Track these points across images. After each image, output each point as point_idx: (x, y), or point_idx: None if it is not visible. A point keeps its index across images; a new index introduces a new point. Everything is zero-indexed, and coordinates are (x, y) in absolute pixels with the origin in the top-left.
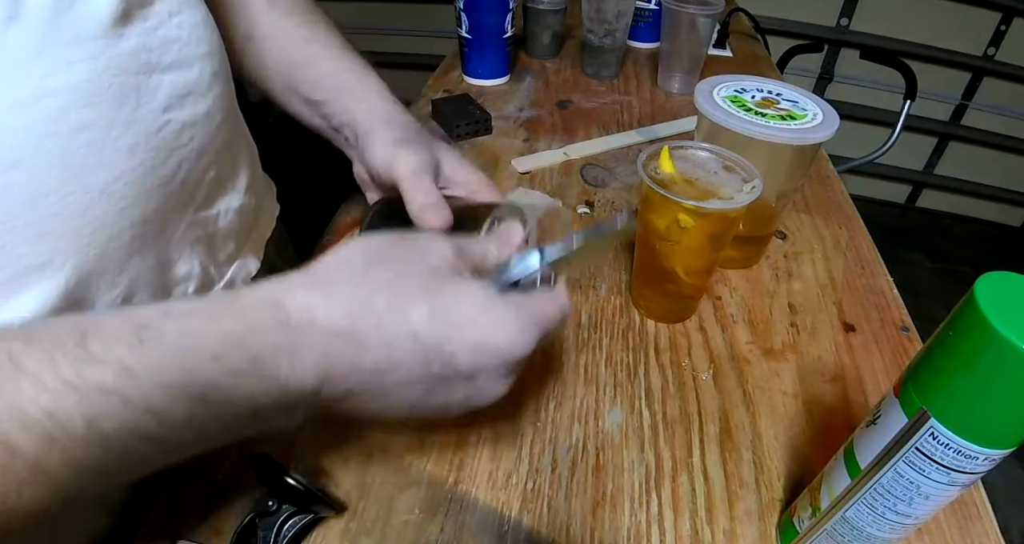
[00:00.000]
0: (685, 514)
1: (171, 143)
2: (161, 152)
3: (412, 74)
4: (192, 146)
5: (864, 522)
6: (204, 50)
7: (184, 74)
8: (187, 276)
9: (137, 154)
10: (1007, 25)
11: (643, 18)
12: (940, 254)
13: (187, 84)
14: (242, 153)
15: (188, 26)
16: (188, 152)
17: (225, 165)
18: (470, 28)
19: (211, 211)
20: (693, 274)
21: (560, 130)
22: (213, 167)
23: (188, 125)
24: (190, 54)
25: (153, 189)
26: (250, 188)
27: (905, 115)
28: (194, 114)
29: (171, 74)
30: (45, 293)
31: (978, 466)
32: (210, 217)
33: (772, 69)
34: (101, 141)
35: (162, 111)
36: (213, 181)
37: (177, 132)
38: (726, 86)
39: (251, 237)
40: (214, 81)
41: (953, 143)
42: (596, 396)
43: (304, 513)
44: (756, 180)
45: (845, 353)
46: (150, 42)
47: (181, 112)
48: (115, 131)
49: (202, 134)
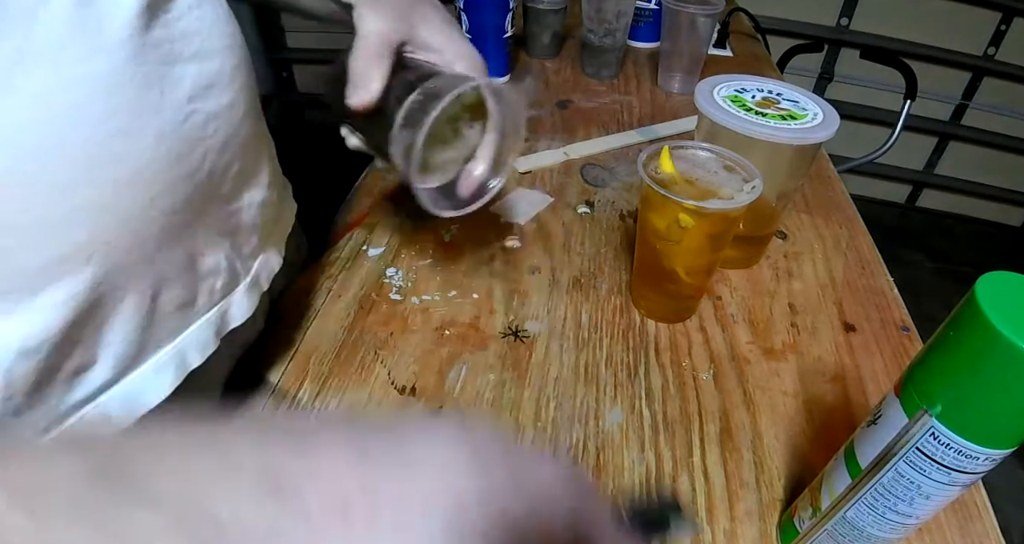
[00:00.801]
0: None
1: (197, 133)
2: (187, 142)
3: None
4: (217, 137)
5: (865, 522)
6: (225, 43)
7: (207, 65)
8: (214, 270)
9: (163, 144)
10: (1007, 25)
11: (643, 18)
12: (940, 254)
13: (210, 75)
14: (264, 148)
15: (208, 20)
16: (213, 143)
17: (248, 158)
18: (470, 28)
19: (236, 204)
20: (693, 274)
21: (560, 130)
22: (237, 160)
23: (212, 116)
24: (211, 47)
25: (180, 180)
26: (272, 183)
27: (905, 115)
28: (218, 105)
29: (194, 65)
30: (73, 285)
31: (979, 466)
32: (235, 210)
33: (772, 69)
34: (127, 131)
35: (187, 101)
36: (238, 174)
37: (203, 123)
38: (726, 86)
39: (273, 233)
40: (236, 74)
41: (953, 143)
42: (596, 396)
43: None
44: (756, 180)
45: (845, 353)
46: (172, 33)
47: (206, 102)
48: (140, 121)
49: (226, 125)
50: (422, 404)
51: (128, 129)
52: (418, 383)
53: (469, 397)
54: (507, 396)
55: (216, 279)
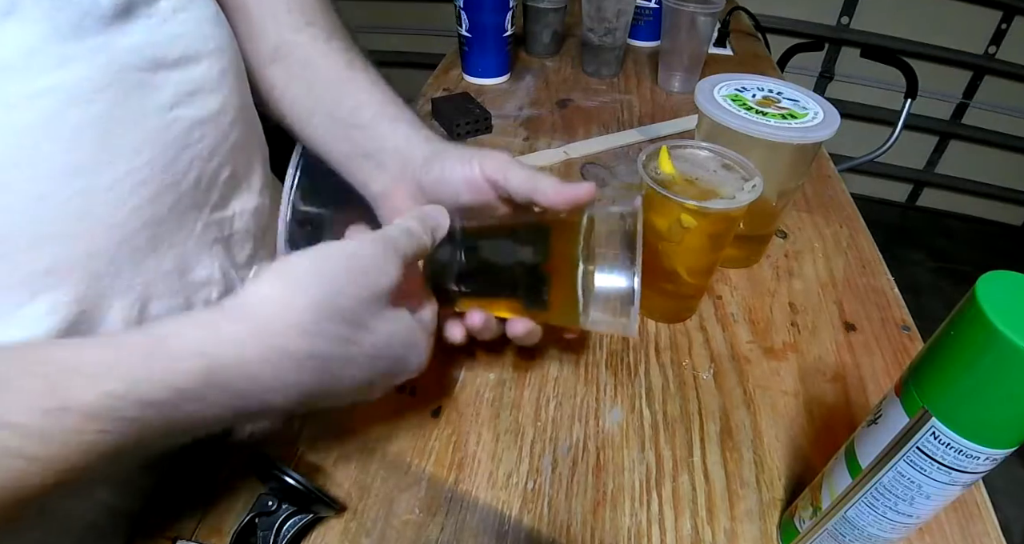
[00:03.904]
0: (686, 514)
1: (181, 141)
2: (171, 150)
3: (412, 73)
4: (204, 144)
5: (865, 522)
6: (212, 46)
7: (191, 71)
8: (207, 280)
9: (144, 152)
10: (1008, 23)
11: (643, 17)
12: (941, 253)
13: (195, 81)
14: (256, 153)
15: (194, 22)
16: (200, 150)
17: (239, 164)
18: (470, 27)
19: (227, 212)
20: (694, 274)
21: (560, 129)
22: (227, 166)
23: (198, 123)
24: (197, 50)
25: (165, 188)
26: (264, 189)
27: (906, 114)
28: (204, 111)
29: (178, 71)
30: (56, 298)
31: (979, 465)
32: (226, 218)
33: (773, 68)
34: (104, 139)
35: (169, 108)
36: (228, 181)
37: (187, 130)
38: (726, 85)
39: (267, 239)
40: (224, 78)
41: (954, 142)
42: (596, 395)
43: (304, 513)
44: (756, 179)
45: (846, 352)
46: (154, 38)
47: (189, 109)
48: (119, 129)
49: (214, 132)
50: (422, 404)
51: (106, 138)
52: (418, 382)
53: (469, 396)
54: (507, 396)
55: (211, 289)
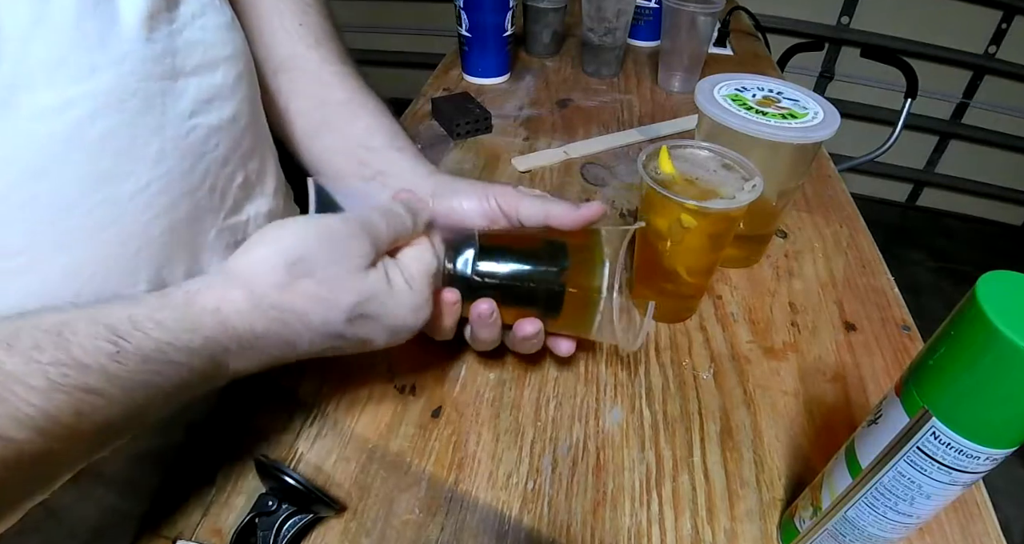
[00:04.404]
0: (686, 513)
1: (198, 149)
2: (188, 159)
3: (412, 73)
4: (219, 151)
5: (865, 522)
6: (228, 52)
7: (209, 78)
8: None
9: (164, 162)
10: (1008, 23)
11: (643, 16)
12: (941, 253)
13: (211, 88)
14: (268, 157)
15: (212, 28)
16: (215, 157)
17: (252, 169)
18: (470, 26)
19: (241, 216)
20: (694, 274)
21: (560, 129)
22: (241, 172)
23: (214, 130)
24: (214, 57)
25: (181, 197)
26: (277, 192)
27: (906, 114)
28: (220, 118)
29: (196, 78)
30: None
31: (980, 465)
32: (240, 223)
33: (773, 68)
34: (128, 149)
35: (188, 116)
36: (241, 186)
37: (204, 137)
38: (727, 85)
39: None
40: (238, 84)
41: (954, 142)
42: (596, 395)
43: (304, 513)
44: (756, 178)
45: (846, 352)
46: (174, 46)
47: (207, 117)
48: (141, 139)
49: (228, 138)
50: (422, 403)
51: (128, 148)
52: (418, 382)
53: (469, 396)
54: (507, 396)
55: None
